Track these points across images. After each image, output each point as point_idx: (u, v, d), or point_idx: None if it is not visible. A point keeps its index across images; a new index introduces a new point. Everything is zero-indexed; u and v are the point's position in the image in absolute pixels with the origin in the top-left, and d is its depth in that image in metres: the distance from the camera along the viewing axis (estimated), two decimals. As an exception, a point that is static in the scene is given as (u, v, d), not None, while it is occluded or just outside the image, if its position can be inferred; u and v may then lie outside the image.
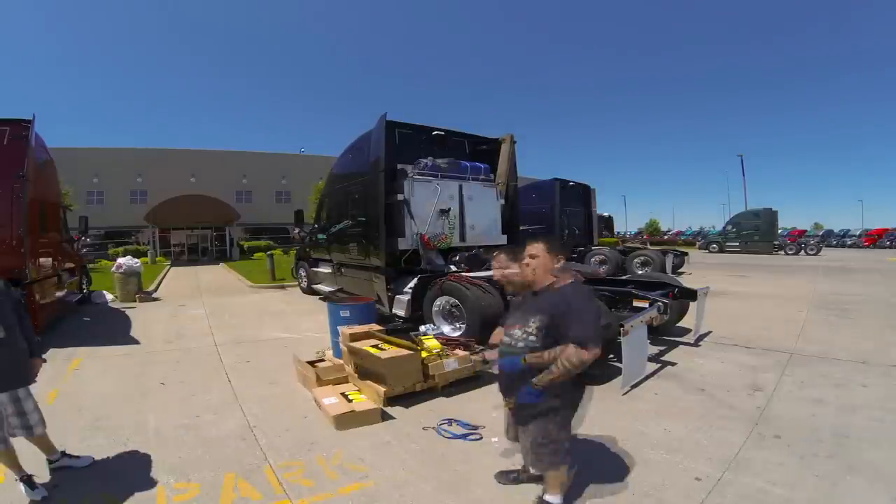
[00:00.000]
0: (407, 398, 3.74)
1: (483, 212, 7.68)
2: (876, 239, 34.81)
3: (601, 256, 13.17)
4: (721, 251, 25.34)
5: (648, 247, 19.32)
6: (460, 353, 4.21)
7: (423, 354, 4.01)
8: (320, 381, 3.96)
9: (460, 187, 7.36)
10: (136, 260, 10.90)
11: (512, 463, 2.74)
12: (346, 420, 3.28)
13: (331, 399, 3.58)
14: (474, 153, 8.40)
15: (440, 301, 5.84)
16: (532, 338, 2.07)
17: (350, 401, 3.55)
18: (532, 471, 2.43)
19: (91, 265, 14.64)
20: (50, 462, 2.70)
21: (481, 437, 3.10)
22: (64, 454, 2.75)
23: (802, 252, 23.89)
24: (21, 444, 2.57)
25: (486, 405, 3.68)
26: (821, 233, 43.94)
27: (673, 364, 4.67)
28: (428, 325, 5.54)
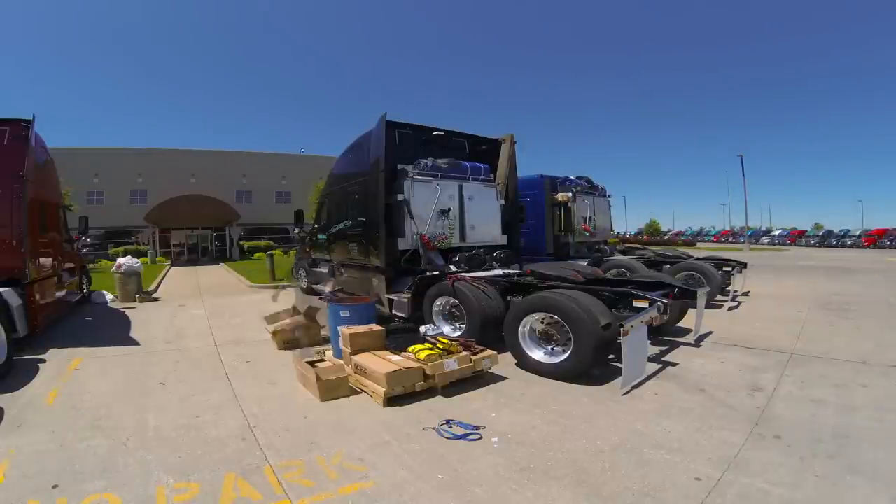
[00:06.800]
0: (407, 398, 3.74)
1: (483, 212, 7.67)
2: (876, 239, 34.87)
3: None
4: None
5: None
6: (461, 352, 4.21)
7: (423, 355, 4.02)
8: (320, 381, 3.96)
9: (460, 187, 7.35)
10: (136, 260, 10.89)
11: (513, 463, 2.75)
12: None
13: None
14: (474, 153, 8.39)
15: (440, 301, 5.84)
16: None
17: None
18: None
19: (91, 265, 14.64)
20: None
21: (481, 437, 3.10)
22: None
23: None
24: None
25: (486, 405, 3.69)
26: (820, 233, 43.94)
27: (673, 364, 4.67)
28: (428, 325, 5.54)
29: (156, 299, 10.59)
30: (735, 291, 8.50)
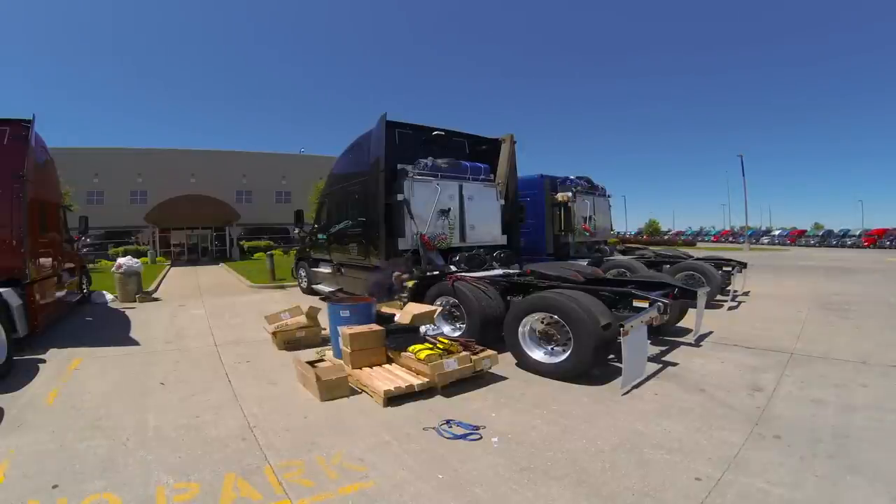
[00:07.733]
0: (407, 398, 3.74)
1: (483, 212, 7.68)
2: (876, 239, 34.90)
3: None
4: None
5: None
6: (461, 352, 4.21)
7: (423, 355, 4.02)
8: (320, 381, 3.96)
9: (460, 187, 7.36)
10: (136, 260, 10.89)
11: (513, 463, 2.75)
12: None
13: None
14: (474, 153, 8.40)
15: (440, 301, 5.84)
16: None
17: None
18: None
19: (91, 265, 14.64)
20: None
21: (481, 437, 3.10)
22: None
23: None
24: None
25: (486, 405, 3.69)
26: (821, 233, 43.94)
27: (673, 364, 4.67)
28: (428, 326, 5.53)
29: (156, 299, 10.60)
30: (735, 291, 8.51)
